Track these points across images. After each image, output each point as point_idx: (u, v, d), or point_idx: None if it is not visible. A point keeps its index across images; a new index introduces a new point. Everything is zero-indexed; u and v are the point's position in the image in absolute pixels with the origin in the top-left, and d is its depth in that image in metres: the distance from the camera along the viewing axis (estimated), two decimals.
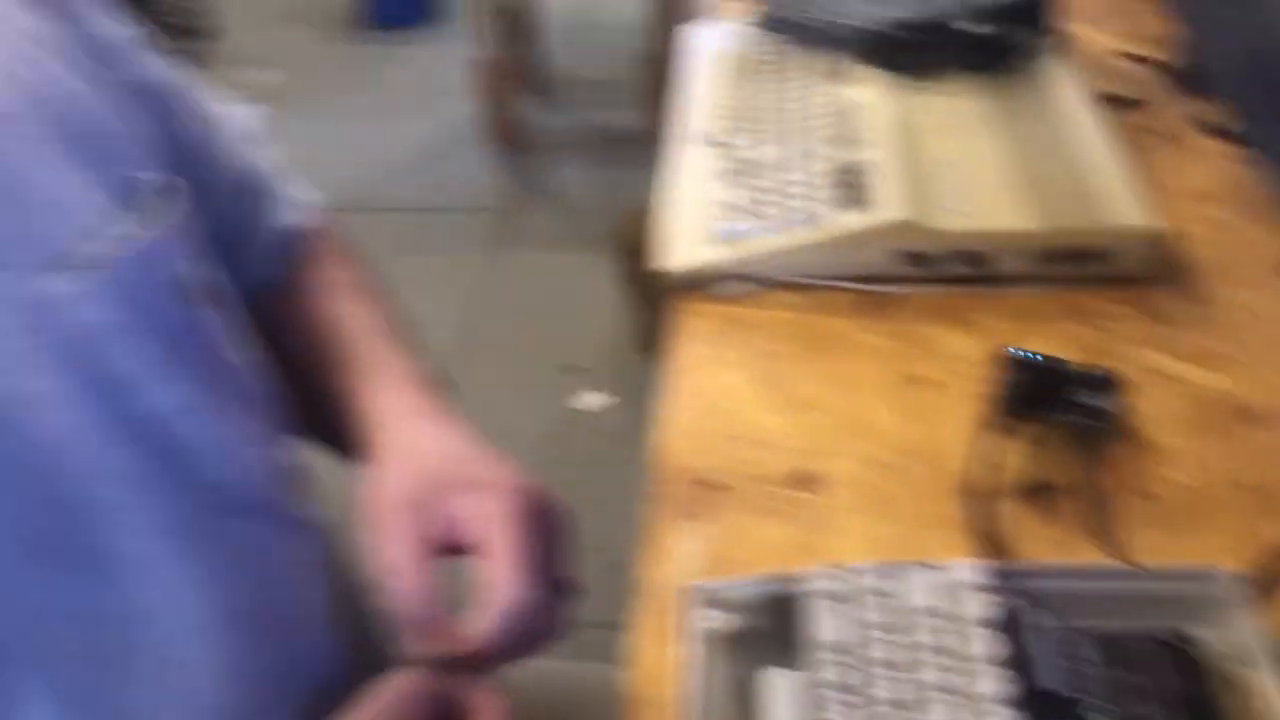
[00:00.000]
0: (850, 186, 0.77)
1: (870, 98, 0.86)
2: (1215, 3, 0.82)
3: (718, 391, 0.68)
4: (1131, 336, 0.69)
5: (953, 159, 0.79)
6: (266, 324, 0.62)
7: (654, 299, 0.80)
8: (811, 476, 0.62)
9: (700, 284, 0.75)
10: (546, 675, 0.61)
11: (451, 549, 0.52)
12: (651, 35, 2.48)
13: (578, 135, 2.88)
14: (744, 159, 0.83)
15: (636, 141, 0.71)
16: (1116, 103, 0.93)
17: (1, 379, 0.46)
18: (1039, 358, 0.63)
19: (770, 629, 0.52)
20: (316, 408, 0.62)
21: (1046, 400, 0.62)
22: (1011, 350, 0.63)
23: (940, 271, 0.74)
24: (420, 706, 0.48)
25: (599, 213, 2.41)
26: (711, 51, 0.99)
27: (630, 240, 1.76)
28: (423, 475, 0.54)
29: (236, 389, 0.56)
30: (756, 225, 0.76)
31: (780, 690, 0.49)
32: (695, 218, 0.79)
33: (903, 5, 0.93)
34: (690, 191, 0.82)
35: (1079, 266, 0.73)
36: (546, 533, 0.53)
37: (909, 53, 0.88)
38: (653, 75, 2.31)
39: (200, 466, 0.52)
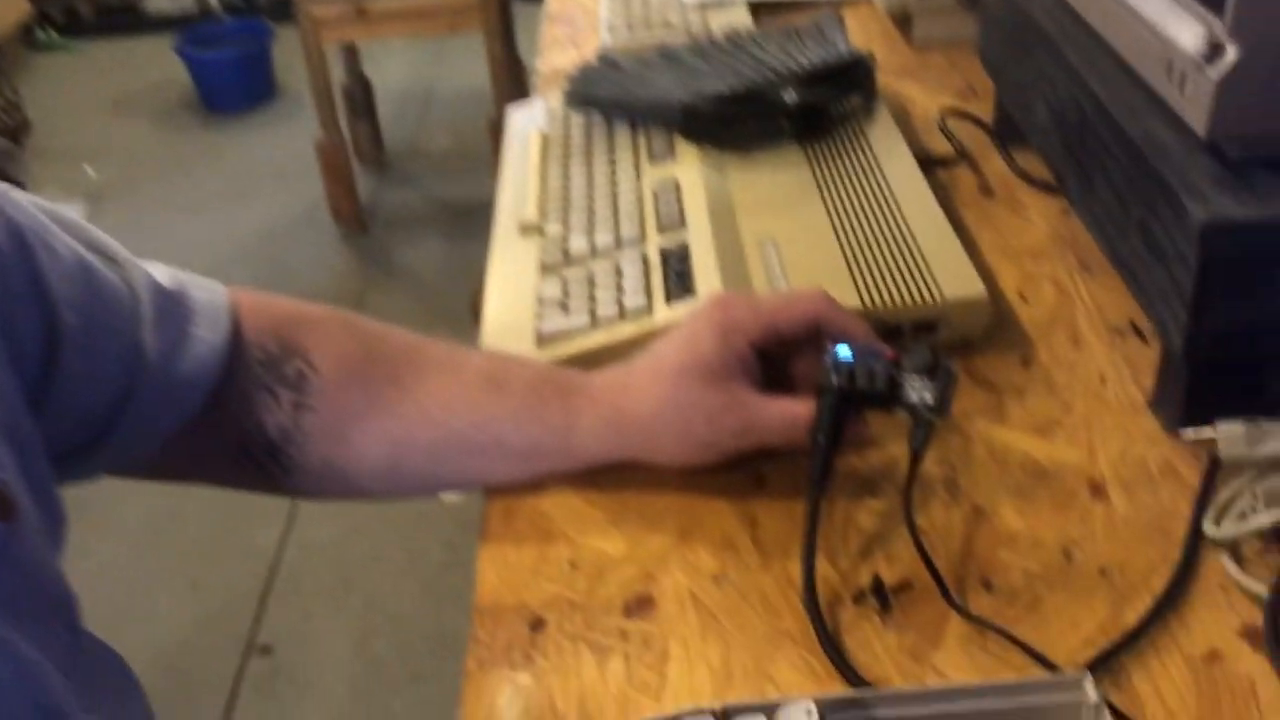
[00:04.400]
0: (671, 274, 0.73)
1: (687, 175, 0.82)
2: (1018, 57, 0.82)
3: (543, 508, 0.62)
4: (966, 409, 0.66)
5: (777, 236, 0.76)
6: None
7: None
8: (645, 600, 0.57)
9: None
10: None
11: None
12: (497, 103, 2.44)
13: (427, 210, 2.82)
14: (559, 248, 0.78)
15: (487, 213, 0.68)
16: (943, 163, 0.92)
17: None
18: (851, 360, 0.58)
19: None
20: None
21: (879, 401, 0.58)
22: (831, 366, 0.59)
23: None
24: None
25: (453, 289, 2.35)
26: (526, 131, 0.95)
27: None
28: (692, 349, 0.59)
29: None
30: (575, 322, 0.71)
31: None
32: (517, 315, 0.74)
33: (717, 75, 0.91)
34: (510, 286, 0.77)
35: (912, 339, 0.70)
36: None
37: (725, 125, 0.85)
38: (498, 145, 2.27)
39: None
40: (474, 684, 0.53)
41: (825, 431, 0.56)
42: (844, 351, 0.57)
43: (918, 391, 0.55)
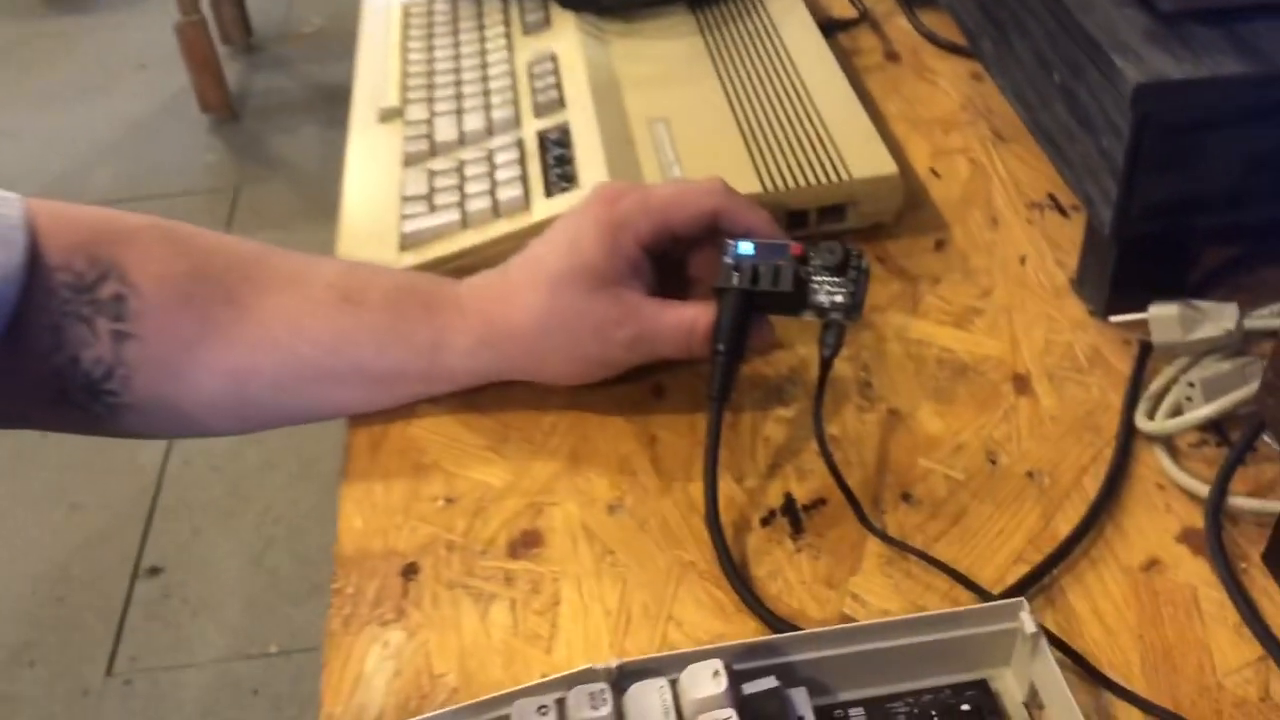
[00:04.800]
0: (550, 162, 0.65)
1: (565, 48, 0.74)
2: None
3: (414, 436, 0.55)
4: (878, 300, 0.61)
5: (668, 114, 0.68)
6: None
7: None
8: (532, 537, 0.50)
9: None
10: None
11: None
12: None
13: (302, 96, 2.65)
14: (423, 137, 0.69)
15: None
16: (843, 26, 0.84)
17: None
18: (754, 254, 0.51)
19: None
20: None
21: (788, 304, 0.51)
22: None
23: None
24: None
25: (335, 178, 2.21)
26: (386, 5, 0.85)
27: None
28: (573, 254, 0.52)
29: None
30: (443, 220, 0.63)
31: None
32: (377, 215, 0.66)
33: None
34: (369, 182, 0.69)
35: (818, 225, 0.64)
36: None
37: None
38: None
39: None
40: (337, 645, 0.47)
41: (726, 339, 0.50)
42: (745, 248, 0.50)
43: (827, 291, 0.49)
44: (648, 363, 0.54)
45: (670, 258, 0.54)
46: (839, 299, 0.49)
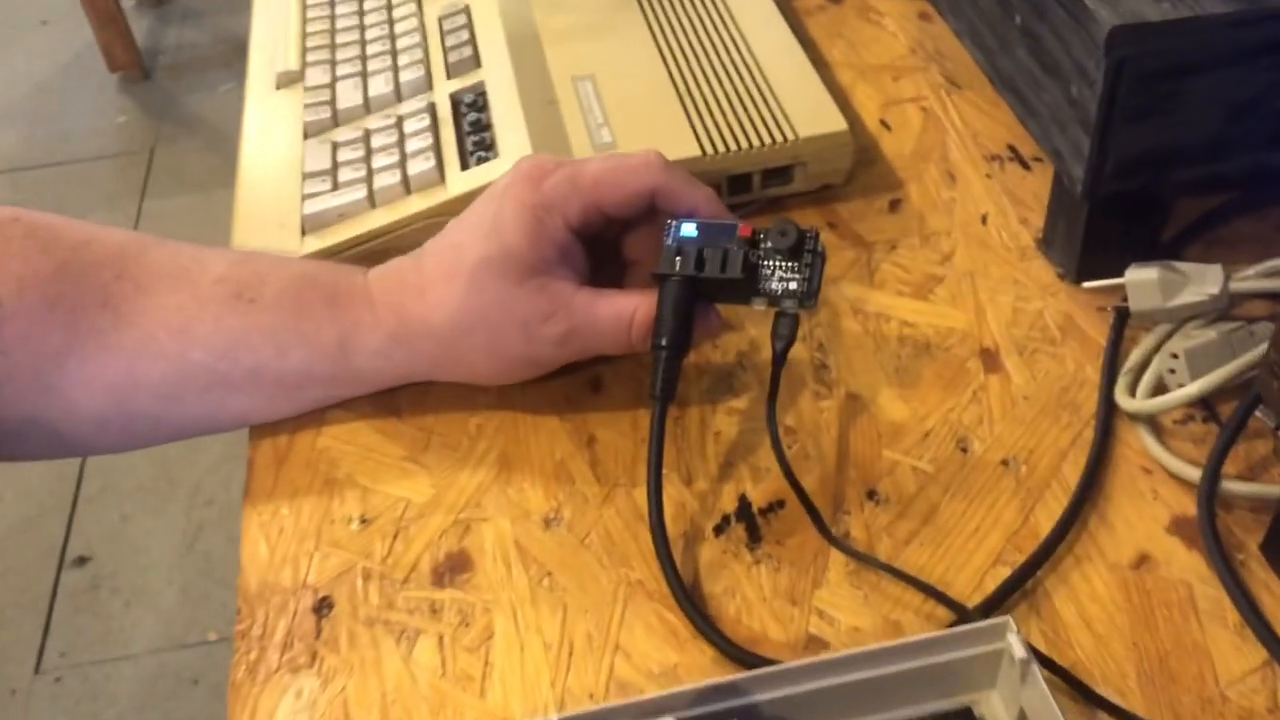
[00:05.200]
0: (465, 129, 0.59)
1: (479, 1, 0.67)
2: None
3: (324, 447, 0.50)
4: (831, 271, 0.56)
5: (595, 70, 0.62)
6: None
7: None
8: (460, 560, 0.45)
9: None
10: None
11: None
12: None
13: (215, 50, 2.53)
14: (325, 105, 0.63)
15: None
16: None
17: None
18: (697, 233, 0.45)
19: None
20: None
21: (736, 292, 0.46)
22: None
23: None
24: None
25: None
26: None
27: None
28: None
29: None
30: (348, 199, 0.56)
31: None
32: (276, 195, 0.59)
33: None
34: (267, 157, 0.62)
35: (762, 189, 0.59)
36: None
37: None
38: None
39: None
40: (243, 699, 0.41)
41: (669, 332, 0.44)
42: (688, 230, 0.45)
43: (780, 277, 0.44)
44: (582, 359, 0.49)
45: (603, 239, 0.49)
46: (793, 285, 0.44)
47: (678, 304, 0.44)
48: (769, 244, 0.44)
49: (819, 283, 0.44)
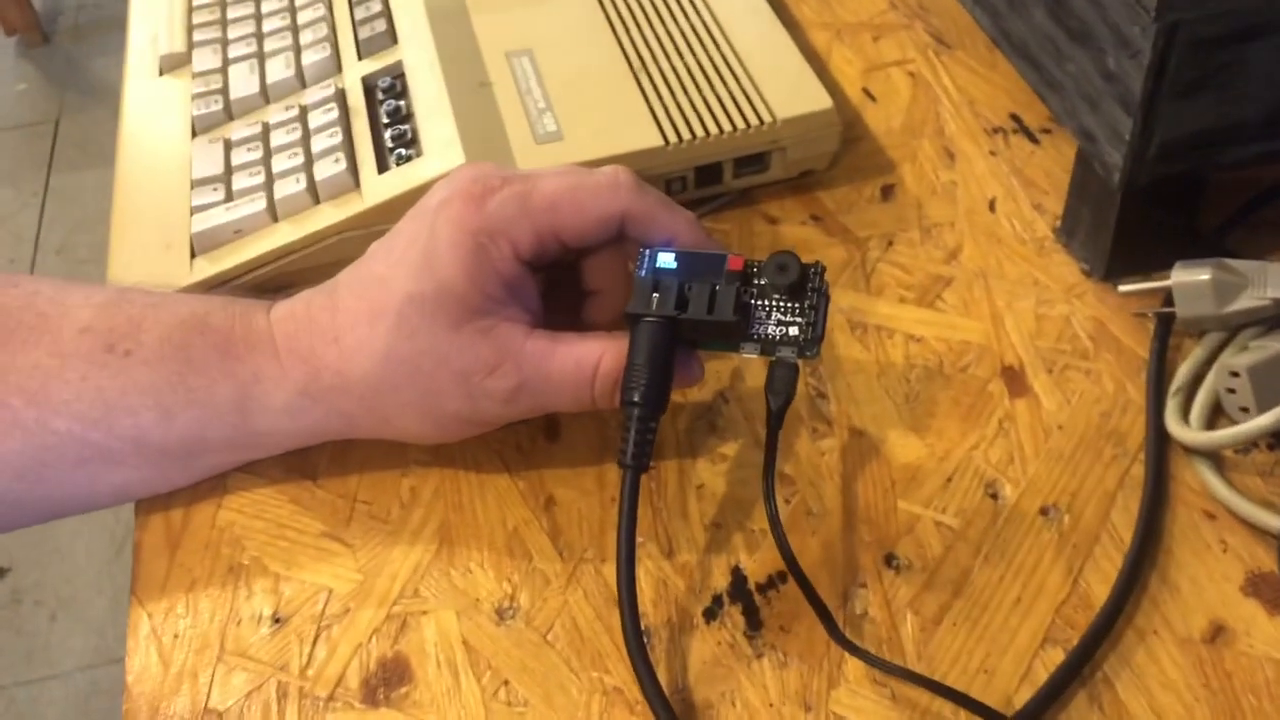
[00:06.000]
0: (382, 120, 0.50)
1: None
2: None
3: (225, 523, 0.41)
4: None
5: (533, 43, 0.53)
6: None
7: None
8: (395, 667, 0.37)
9: None
10: None
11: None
12: None
13: (119, 9, 2.37)
14: (215, 95, 0.53)
15: None
16: None
17: None
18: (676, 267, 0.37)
19: None
20: None
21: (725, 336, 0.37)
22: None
23: None
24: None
25: None
26: None
27: None
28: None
29: None
30: (243, 213, 0.47)
31: None
32: (159, 210, 0.50)
33: None
34: (148, 162, 0.52)
35: (735, 179, 0.50)
36: None
37: None
38: None
39: None
40: None
41: (643, 388, 0.36)
42: (665, 260, 0.36)
43: (778, 320, 0.36)
44: (535, 416, 0.40)
45: (559, 265, 0.40)
46: (793, 331, 0.36)
47: (654, 352, 0.36)
48: (764, 280, 0.36)
49: (823, 328, 0.36)
